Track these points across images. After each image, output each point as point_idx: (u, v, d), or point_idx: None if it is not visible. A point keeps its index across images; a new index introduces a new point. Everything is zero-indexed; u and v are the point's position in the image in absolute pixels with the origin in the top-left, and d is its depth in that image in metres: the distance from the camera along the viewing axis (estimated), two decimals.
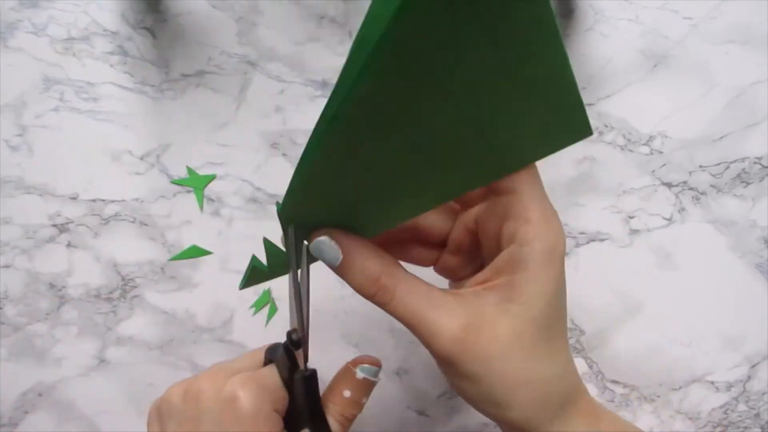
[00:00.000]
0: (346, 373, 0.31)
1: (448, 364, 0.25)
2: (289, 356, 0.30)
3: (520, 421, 0.25)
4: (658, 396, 0.41)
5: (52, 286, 0.41)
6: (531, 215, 0.24)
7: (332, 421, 0.30)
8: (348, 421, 0.30)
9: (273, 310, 0.42)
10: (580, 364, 0.41)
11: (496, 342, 0.24)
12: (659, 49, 0.40)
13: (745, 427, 0.41)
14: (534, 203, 0.25)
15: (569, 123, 0.24)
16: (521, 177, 0.25)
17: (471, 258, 0.30)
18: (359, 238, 0.26)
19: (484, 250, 0.28)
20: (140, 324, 0.42)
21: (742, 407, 0.41)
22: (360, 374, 0.31)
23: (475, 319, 0.24)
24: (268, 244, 0.30)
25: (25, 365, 0.41)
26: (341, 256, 0.26)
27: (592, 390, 0.41)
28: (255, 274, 0.31)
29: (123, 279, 0.41)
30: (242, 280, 0.31)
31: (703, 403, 0.41)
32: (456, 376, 0.26)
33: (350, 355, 0.42)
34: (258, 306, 0.42)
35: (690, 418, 0.41)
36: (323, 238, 0.26)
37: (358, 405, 0.31)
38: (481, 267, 0.27)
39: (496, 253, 0.26)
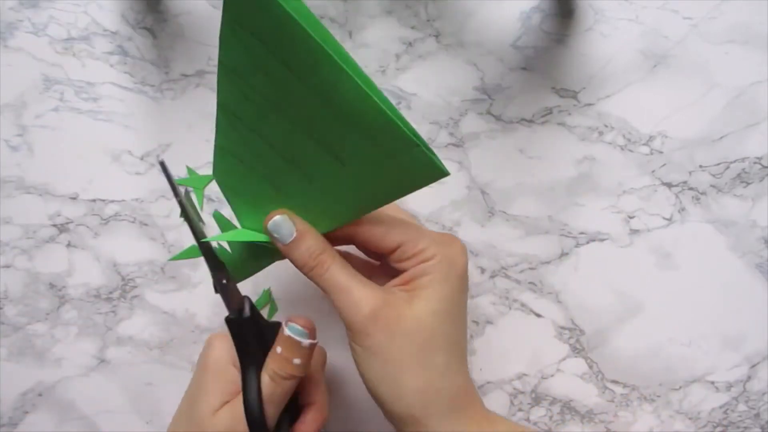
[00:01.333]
0: (281, 329, 0.33)
1: (358, 334, 0.30)
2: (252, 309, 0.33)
3: (409, 409, 0.29)
4: (658, 396, 0.41)
5: (52, 286, 0.41)
6: (422, 246, 0.30)
7: (264, 375, 0.31)
8: (282, 379, 0.31)
9: (273, 310, 0.42)
10: (580, 364, 0.41)
11: (403, 320, 0.29)
12: (659, 49, 0.40)
13: (745, 427, 0.41)
14: (421, 240, 0.30)
15: (412, 163, 0.28)
16: (398, 232, 0.31)
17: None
18: (306, 222, 0.31)
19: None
20: (140, 324, 0.42)
21: (742, 407, 0.41)
22: (286, 331, 0.32)
23: (388, 302, 0.30)
24: (220, 218, 0.34)
25: (25, 365, 0.41)
26: (295, 234, 0.30)
27: (592, 390, 0.41)
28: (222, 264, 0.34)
29: (123, 279, 0.41)
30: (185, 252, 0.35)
31: (703, 403, 0.41)
32: (362, 350, 0.30)
33: (350, 355, 0.42)
34: (258, 306, 0.42)
35: (690, 418, 0.41)
36: (284, 217, 0.31)
37: (288, 363, 0.32)
38: None
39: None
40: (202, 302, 0.42)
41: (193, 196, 0.41)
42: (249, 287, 0.42)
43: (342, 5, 0.40)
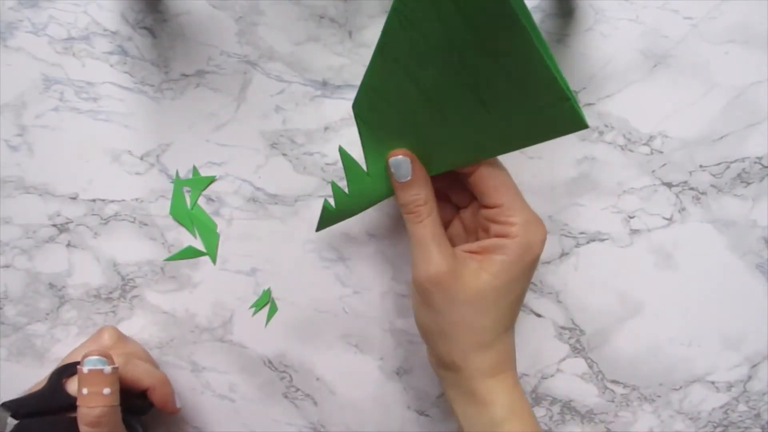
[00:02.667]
0: (77, 369, 0.34)
1: (425, 290, 0.33)
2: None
3: (452, 358, 0.33)
4: (659, 396, 0.41)
5: (52, 286, 0.41)
6: (514, 221, 0.32)
7: (82, 427, 0.32)
8: (98, 417, 0.33)
9: (273, 310, 0.42)
10: (580, 364, 0.41)
11: (464, 291, 0.32)
12: (659, 49, 0.40)
13: (746, 428, 0.41)
14: (517, 211, 0.33)
15: (558, 114, 0.30)
16: (504, 193, 0.33)
17: (473, 235, 0.36)
18: (425, 170, 0.34)
19: (479, 237, 0.35)
20: (140, 324, 0.42)
21: (742, 407, 0.41)
22: (85, 368, 0.33)
23: (457, 270, 0.32)
24: (335, 186, 0.36)
25: (25, 365, 0.41)
26: (410, 177, 0.33)
27: (592, 390, 0.41)
28: (326, 216, 0.37)
29: (123, 279, 0.41)
30: (318, 224, 0.38)
31: (703, 403, 0.41)
32: (423, 304, 0.33)
33: (351, 355, 0.42)
34: (258, 306, 0.42)
35: (690, 418, 0.41)
36: (405, 159, 0.33)
37: (99, 397, 0.33)
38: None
39: (485, 237, 0.34)
40: (202, 302, 0.42)
41: (188, 196, 0.42)
42: (249, 287, 0.42)
43: (342, 5, 0.40)
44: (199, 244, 0.41)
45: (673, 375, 0.41)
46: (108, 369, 0.33)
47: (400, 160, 0.33)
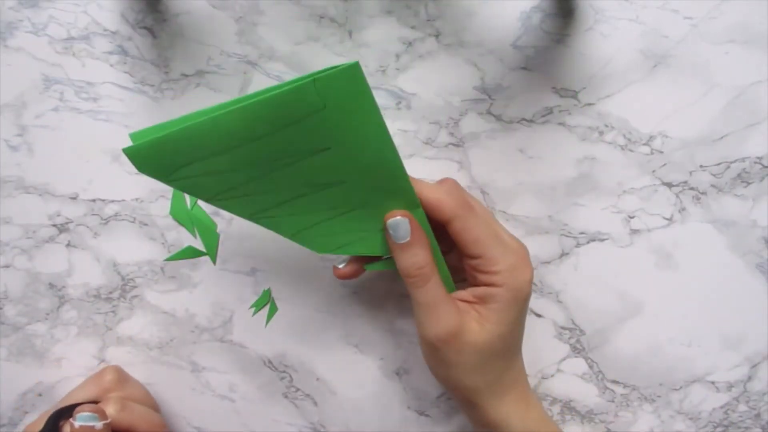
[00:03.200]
0: (68, 424, 0.35)
1: (435, 348, 0.34)
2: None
3: (466, 396, 0.35)
4: (659, 396, 0.41)
5: (52, 286, 0.41)
6: (497, 269, 0.34)
7: None
8: None
9: (273, 310, 0.42)
10: (580, 364, 0.41)
11: (473, 344, 0.34)
12: (659, 49, 0.40)
13: (746, 428, 0.41)
14: (500, 260, 0.34)
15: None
16: (483, 244, 0.33)
17: (459, 275, 0.37)
18: (423, 230, 0.34)
19: (468, 280, 0.36)
20: (140, 324, 0.42)
21: (742, 407, 0.41)
22: (76, 424, 0.34)
23: (464, 325, 0.34)
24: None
25: (25, 365, 0.41)
26: (409, 237, 0.33)
27: (592, 390, 0.41)
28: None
29: (123, 279, 0.41)
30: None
31: (703, 403, 0.41)
32: (436, 359, 0.35)
33: (350, 355, 0.42)
34: (258, 306, 0.42)
35: (690, 418, 0.41)
36: (404, 220, 0.33)
37: None
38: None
39: (474, 281, 0.35)
40: (202, 302, 0.42)
41: (188, 197, 0.41)
42: (249, 287, 0.42)
43: (342, 5, 0.40)
44: (199, 244, 0.41)
45: (673, 375, 0.41)
46: (99, 425, 0.34)
47: (399, 221, 0.33)
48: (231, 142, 0.29)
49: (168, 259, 0.41)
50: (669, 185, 0.40)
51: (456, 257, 0.36)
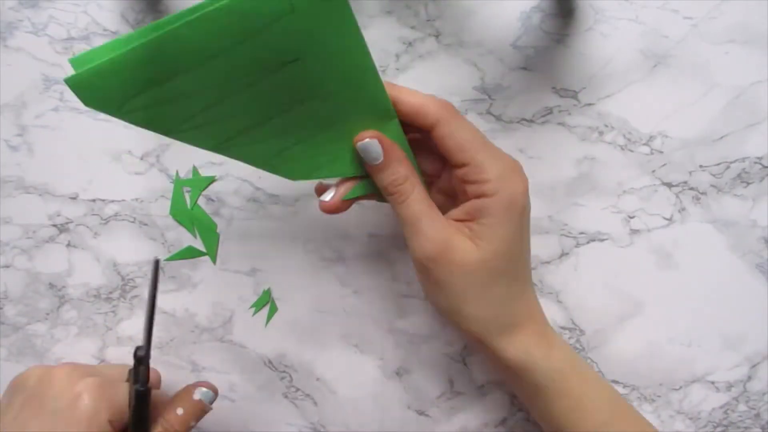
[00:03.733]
0: (185, 392, 0.35)
1: (425, 268, 0.32)
2: (136, 372, 0.32)
3: (472, 330, 0.32)
4: (658, 396, 0.41)
5: (52, 286, 0.41)
6: (488, 176, 0.31)
7: None
8: None
9: (273, 310, 0.42)
10: None
11: (465, 261, 0.31)
12: (659, 49, 0.40)
13: (746, 428, 0.41)
14: (488, 166, 0.31)
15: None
16: (470, 149, 0.31)
17: (454, 201, 0.35)
18: (397, 146, 0.32)
19: (459, 198, 0.34)
20: (140, 324, 0.42)
21: (742, 407, 0.41)
22: (197, 395, 0.34)
23: (455, 240, 0.31)
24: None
25: (25, 365, 0.41)
26: (382, 157, 0.31)
27: None
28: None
29: (123, 279, 0.41)
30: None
31: (703, 403, 0.41)
32: (428, 281, 0.32)
33: (350, 355, 0.42)
34: (258, 306, 0.42)
35: (690, 418, 0.41)
36: (373, 141, 0.31)
37: (185, 425, 0.34)
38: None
39: (466, 199, 0.32)
40: (202, 302, 0.42)
41: (188, 197, 0.42)
42: (249, 287, 0.42)
43: None
44: (199, 244, 0.41)
45: (673, 375, 0.41)
46: (210, 408, 0.36)
47: (367, 144, 0.31)
48: (187, 61, 0.26)
49: (168, 259, 0.41)
50: (669, 185, 0.40)
51: (446, 179, 0.35)
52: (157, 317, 0.42)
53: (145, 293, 0.41)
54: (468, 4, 0.40)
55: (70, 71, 0.41)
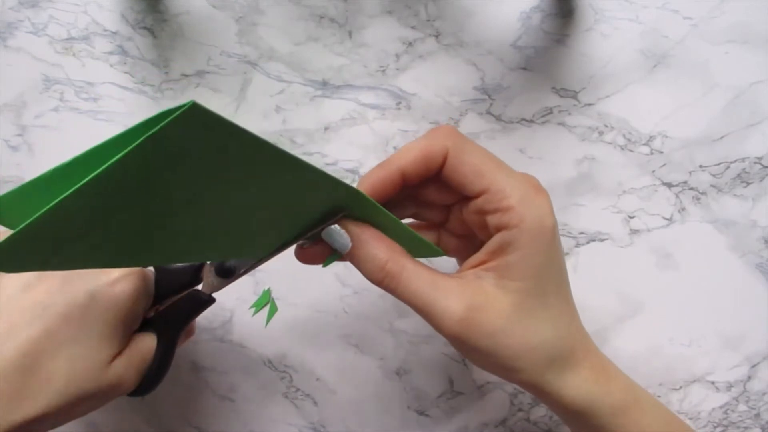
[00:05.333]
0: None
1: (454, 342, 0.28)
2: (192, 275, 0.32)
3: (529, 381, 0.28)
4: (658, 396, 0.41)
5: None
6: (510, 203, 0.27)
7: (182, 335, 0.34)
8: (190, 335, 0.36)
9: (273, 310, 0.42)
10: None
11: (498, 318, 0.26)
12: (659, 49, 0.40)
13: (746, 428, 0.41)
14: (509, 191, 0.27)
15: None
16: (487, 174, 0.27)
17: (469, 240, 0.31)
18: (368, 226, 0.28)
19: (478, 236, 0.30)
20: None
21: (742, 407, 0.41)
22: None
23: (477, 299, 0.27)
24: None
25: None
26: (350, 244, 0.28)
27: None
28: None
29: None
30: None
31: (703, 403, 0.41)
32: (466, 351, 0.28)
33: (350, 355, 0.42)
34: (258, 306, 0.42)
35: (690, 418, 0.41)
36: (334, 227, 0.28)
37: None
38: (481, 245, 0.29)
39: (488, 236, 0.28)
40: None
41: None
42: (249, 287, 0.42)
43: (342, 5, 0.40)
44: None
45: (673, 375, 0.41)
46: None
47: (331, 230, 0.28)
48: (98, 216, 0.23)
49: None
50: (669, 185, 0.40)
51: (455, 221, 0.31)
52: None
53: None
54: (468, 4, 0.40)
55: (70, 71, 0.42)
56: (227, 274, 0.32)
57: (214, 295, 0.33)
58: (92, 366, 0.29)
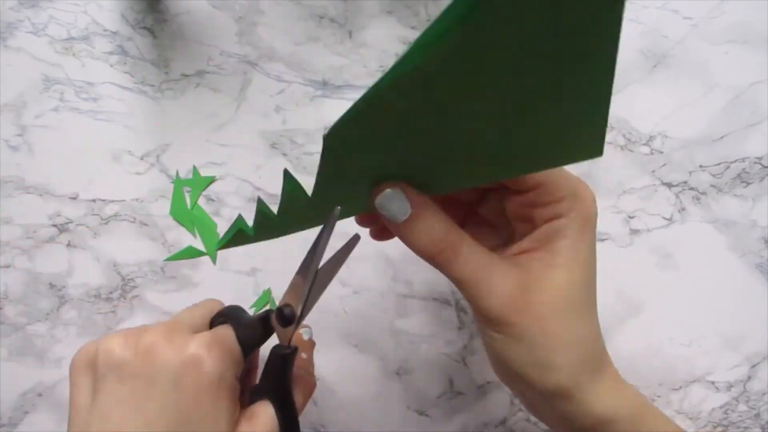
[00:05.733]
0: (297, 335, 0.32)
1: (498, 324, 0.26)
2: (263, 326, 0.29)
3: (567, 382, 0.26)
4: (658, 396, 0.41)
5: (52, 286, 0.41)
6: (562, 194, 0.26)
7: (297, 394, 0.30)
8: (309, 392, 0.30)
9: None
10: None
11: (548, 302, 0.26)
12: (659, 49, 0.40)
13: (746, 427, 0.41)
14: (561, 184, 0.26)
15: (587, 140, 0.24)
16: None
17: (498, 231, 0.30)
18: (427, 196, 0.26)
19: (517, 229, 0.29)
20: (140, 324, 0.42)
21: (742, 407, 0.41)
22: (305, 336, 0.32)
23: (526, 281, 0.26)
24: (262, 205, 0.28)
25: (25, 365, 0.41)
26: (410, 210, 0.25)
27: None
28: (238, 238, 0.29)
29: (123, 279, 0.41)
30: (220, 241, 0.31)
31: (703, 403, 0.41)
32: (503, 338, 0.26)
33: (351, 355, 0.42)
34: (258, 306, 0.42)
35: (690, 418, 0.41)
36: (396, 190, 0.25)
37: (310, 366, 0.32)
38: (508, 239, 0.29)
39: (530, 230, 0.27)
40: None
41: (188, 197, 0.41)
42: (249, 287, 0.42)
43: (342, 5, 0.40)
44: (199, 244, 0.41)
45: (673, 375, 0.41)
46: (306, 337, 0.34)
47: (389, 194, 0.25)
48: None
49: (168, 259, 0.41)
50: (669, 185, 0.40)
51: (491, 209, 0.30)
52: (157, 317, 0.42)
53: (145, 294, 0.41)
54: None
55: (70, 71, 0.42)
56: (287, 323, 0.29)
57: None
58: None
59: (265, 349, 0.31)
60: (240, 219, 0.30)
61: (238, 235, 0.29)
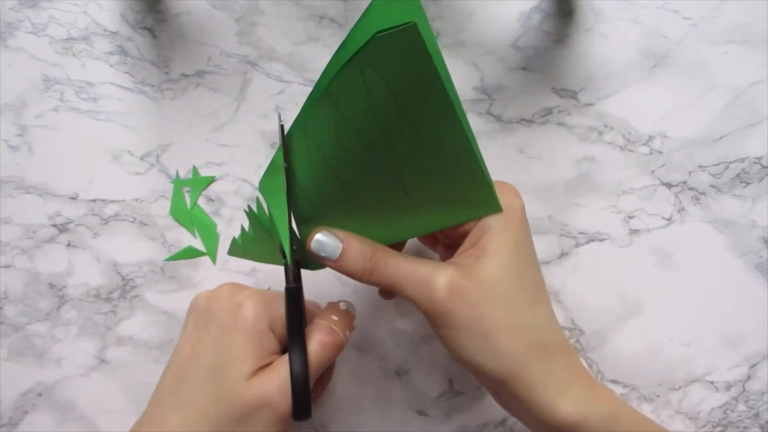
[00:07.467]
0: (332, 305, 0.35)
1: (440, 316, 0.29)
2: (287, 272, 0.33)
3: (518, 369, 0.28)
4: (658, 396, 0.41)
5: (52, 286, 0.41)
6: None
7: (314, 341, 0.32)
8: (332, 347, 0.32)
9: None
10: None
11: (480, 287, 0.28)
12: (659, 49, 0.40)
13: (745, 427, 0.41)
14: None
15: (483, 198, 0.30)
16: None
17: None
18: (349, 232, 0.31)
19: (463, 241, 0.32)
20: (140, 324, 0.42)
21: (741, 407, 0.41)
22: (342, 305, 0.34)
23: (460, 272, 0.29)
24: (251, 212, 0.34)
25: (25, 365, 0.41)
26: (341, 246, 0.30)
27: None
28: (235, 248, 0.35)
29: (123, 279, 0.41)
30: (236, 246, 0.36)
31: (702, 403, 0.41)
32: (449, 328, 0.29)
33: (350, 355, 0.42)
34: None
35: (690, 418, 0.41)
36: (324, 233, 0.30)
37: (343, 330, 0.33)
38: None
39: (461, 238, 0.31)
40: None
41: (188, 197, 0.42)
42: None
43: (342, 5, 0.40)
44: (199, 244, 0.41)
45: (672, 375, 0.41)
46: (355, 316, 0.35)
47: (321, 238, 0.30)
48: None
49: (168, 259, 0.41)
50: (668, 185, 0.41)
51: (448, 236, 0.34)
52: (157, 317, 0.42)
53: (145, 294, 0.41)
54: (468, 4, 0.40)
55: (70, 71, 0.42)
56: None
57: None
58: (232, 380, 0.30)
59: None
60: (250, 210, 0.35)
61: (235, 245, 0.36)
